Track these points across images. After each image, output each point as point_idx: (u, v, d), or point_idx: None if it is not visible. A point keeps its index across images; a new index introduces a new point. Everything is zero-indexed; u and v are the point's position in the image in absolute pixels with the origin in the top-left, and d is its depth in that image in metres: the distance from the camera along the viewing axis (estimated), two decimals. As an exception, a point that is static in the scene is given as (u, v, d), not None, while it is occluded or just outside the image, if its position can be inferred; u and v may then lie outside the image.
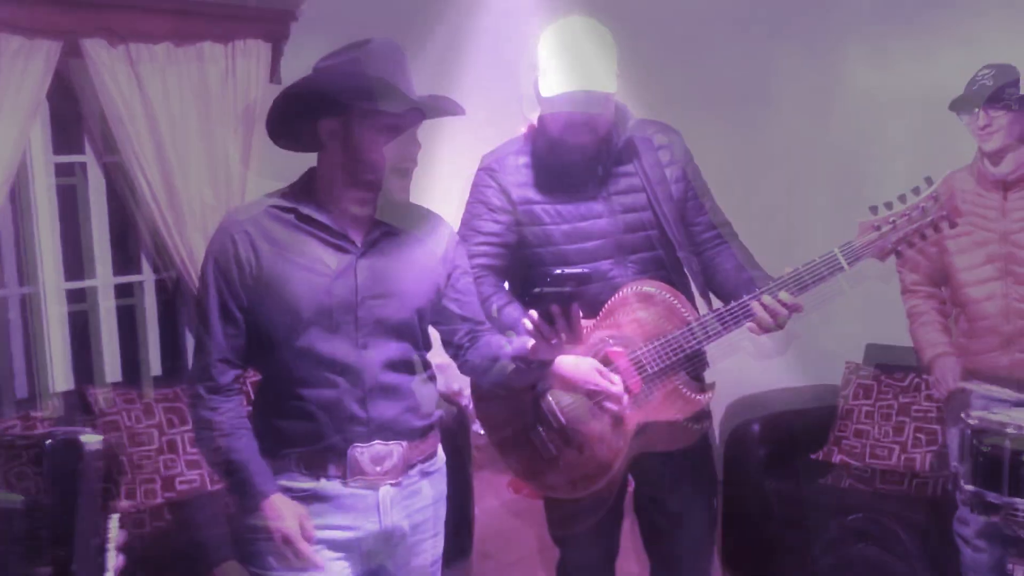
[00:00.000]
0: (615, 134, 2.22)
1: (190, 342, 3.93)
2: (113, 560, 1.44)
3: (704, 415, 2.25)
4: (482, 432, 3.99)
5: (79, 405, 3.30)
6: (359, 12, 3.68)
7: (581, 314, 1.80)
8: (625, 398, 2.10)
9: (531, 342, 1.85)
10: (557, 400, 2.18)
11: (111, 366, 3.68)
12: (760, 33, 3.97)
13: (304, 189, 1.84)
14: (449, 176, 2.52)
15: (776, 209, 3.96)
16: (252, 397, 1.99)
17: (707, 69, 4.06)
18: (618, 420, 2.14)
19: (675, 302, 2.17)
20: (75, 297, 3.63)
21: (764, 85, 3.98)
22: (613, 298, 2.18)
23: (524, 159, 2.25)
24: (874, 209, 2.12)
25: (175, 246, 3.55)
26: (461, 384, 2.84)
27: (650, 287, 2.19)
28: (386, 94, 1.72)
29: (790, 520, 3.19)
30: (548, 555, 2.51)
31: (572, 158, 2.20)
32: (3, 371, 3.57)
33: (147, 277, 3.81)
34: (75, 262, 3.69)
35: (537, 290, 1.77)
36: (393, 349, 1.83)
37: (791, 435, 3.46)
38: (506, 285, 2.29)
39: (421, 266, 1.88)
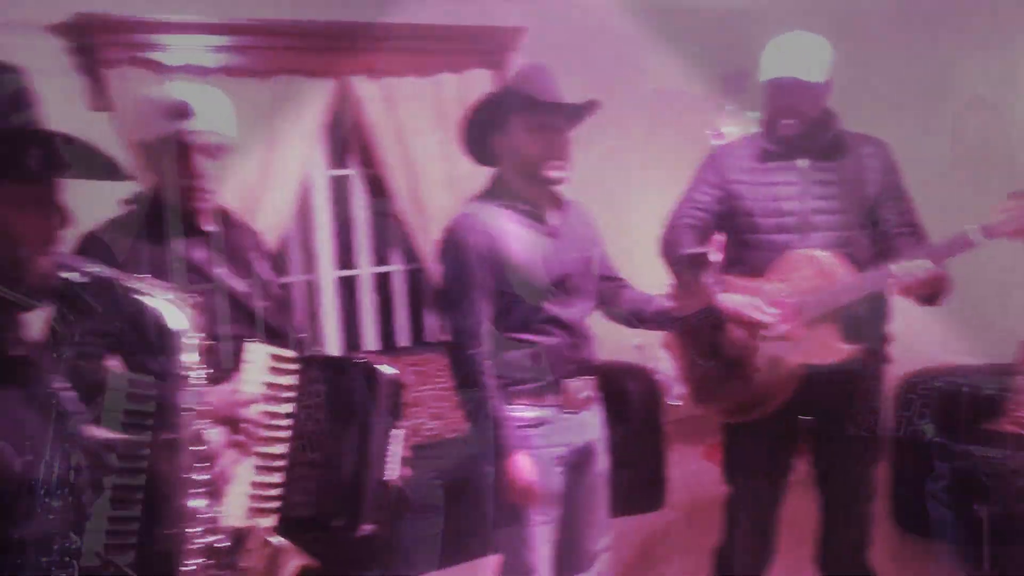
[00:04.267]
0: (821, 131, 2.67)
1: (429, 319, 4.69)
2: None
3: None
4: (678, 404, 4.49)
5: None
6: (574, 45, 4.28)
7: (712, 280, 2.38)
8: (777, 325, 2.51)
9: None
10: (727, 334, 2.65)
11: (368, 337, 4.55)
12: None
13: (500, 192, 2.38)
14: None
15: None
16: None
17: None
18: (778, 359, 2.59)
19: (838, 267, 2.58)
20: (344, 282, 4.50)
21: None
22: (787, 257, 2.63)
23: (746, 150, 2.78)
24: (1014, 195, 2.44)
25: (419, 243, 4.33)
26: (656, 360, 3.34)
27: (819, 253, 2.61)
28: (531, 104, 2.27)
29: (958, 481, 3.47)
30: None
31: (781, 146, 2.67)
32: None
33: (397, 267, 4.63)
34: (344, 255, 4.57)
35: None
36: (586, 306, 2.46)
37: (964, 407, 3.73)
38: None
39: (590, 243, 2.50)
